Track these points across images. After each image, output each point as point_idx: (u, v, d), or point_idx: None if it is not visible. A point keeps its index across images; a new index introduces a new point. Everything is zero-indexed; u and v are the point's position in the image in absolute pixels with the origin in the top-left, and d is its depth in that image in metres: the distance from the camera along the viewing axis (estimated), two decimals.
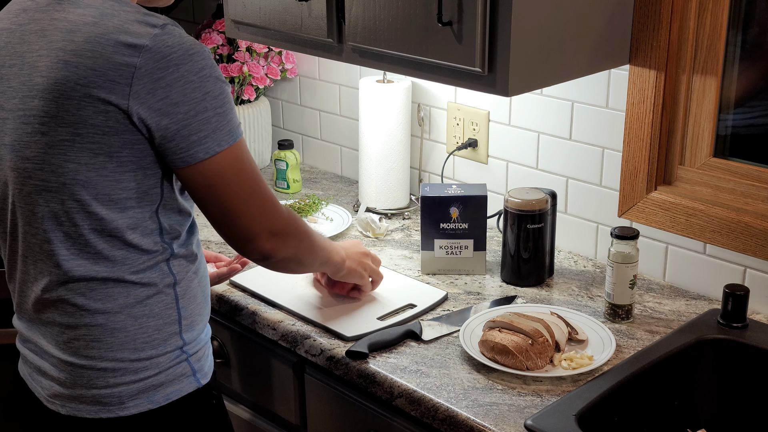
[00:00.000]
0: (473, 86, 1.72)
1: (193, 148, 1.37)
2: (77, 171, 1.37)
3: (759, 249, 1.80)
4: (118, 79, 1.33)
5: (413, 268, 2.07)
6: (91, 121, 1.34)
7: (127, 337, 1.45)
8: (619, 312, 1.81)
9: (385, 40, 1.80)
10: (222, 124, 1.38)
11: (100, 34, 1.34)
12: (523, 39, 1.65)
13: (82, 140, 1.36)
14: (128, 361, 1.46)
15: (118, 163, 1.37)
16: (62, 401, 1.48)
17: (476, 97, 2.22)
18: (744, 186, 1.85)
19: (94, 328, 1.44)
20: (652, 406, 1.67)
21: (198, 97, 1.35)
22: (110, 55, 1.33)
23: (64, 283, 1.43)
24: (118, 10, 1.37)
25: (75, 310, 1.44)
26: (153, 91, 1.33)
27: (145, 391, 1.47)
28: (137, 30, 1.35)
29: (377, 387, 1.66)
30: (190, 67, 1.35)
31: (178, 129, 1.35)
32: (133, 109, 1.33)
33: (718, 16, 1.82)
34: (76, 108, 1.34)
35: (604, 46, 1.84)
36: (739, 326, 1.74)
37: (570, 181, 2.11)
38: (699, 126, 1.89)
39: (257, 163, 2.70)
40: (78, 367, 1.46)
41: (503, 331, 1.67)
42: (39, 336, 1.51)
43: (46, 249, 1.43)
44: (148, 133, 1.36)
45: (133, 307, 1.45)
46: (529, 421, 1.48)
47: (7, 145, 1.42)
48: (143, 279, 1.45)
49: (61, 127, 1.36)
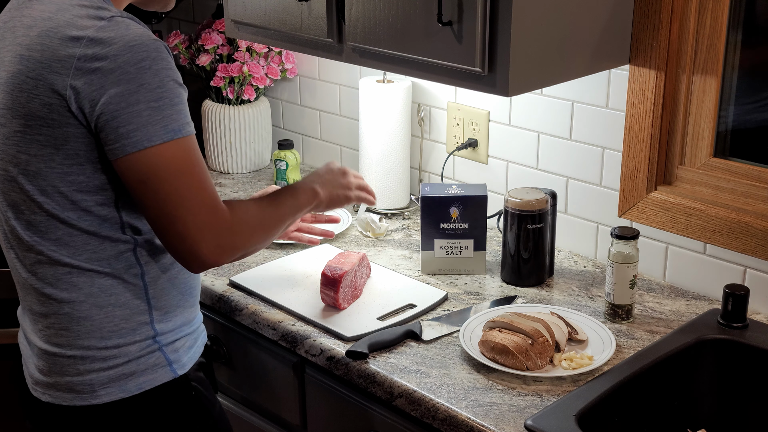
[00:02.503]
0: (473, 86, 1.72)
1: (121, 140, 1.35)
2: (28, 162, 1.41)
3: (759, 249, 1.80)
4: (60, 71, 1.35)
5: (413, 268, 2.07)
6: (38, 113, 1.38)
7: (93, 326, 1.48)
8: (619, 312, 1.81)
9: (385, 40, 1.80)
10: (155, 118, 1.34)
11: (51, 28, 1.38)
12: (523, 39, 1.65)
13: (31, 132, 1.39)
14: (95, 349, 1.48)
15: (65, 155, 1.39)
16: (43, 388, 1.52)
17: (476, 97, 2.22)
18: (744, 186, 1.85)
19: (62, 317, 1.48)
20: (652, 406, 1.67)
21: (131, 89, 1.34)
22: (56, 47, 1.36)
23: (32, 272, 1.48)
24: (74, 5, 1.40)
25: (45, 299, 1.48)
26: (90, 81, 1.34)
27: (116, 379, 1.49)
28: (84, 23, 1.37)
29: (377, 387, 1.66)
30: (129, 58, 1.34)
31: (107, 119, 1.35)
32: (71, 99, 1.35)
33: (718, 16, 1.82)
34: (26, 100, 1.38)
35: (604, 46, 1.84)
36: (739, 326, 1.74)
37: (570, 181, 2.11)
38: (699, 126, 1.89)
39: (257, 163, 2.71)
40: (51, 354, 1.50)
41: (503, 331, 1.67)
42: (24, 322, 1.57)
43: (16, 235, 1.47)
44: (87, 124, 1.37)
45: (98, 297, 1.47)
46: (529, 421, 1.48)
47: None
48: (106, 268, 1.47)
49: (15, 119, 1.40)
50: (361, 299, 1.91)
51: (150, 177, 1.36)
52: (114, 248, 1.46)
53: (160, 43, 1.38)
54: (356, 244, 2.20)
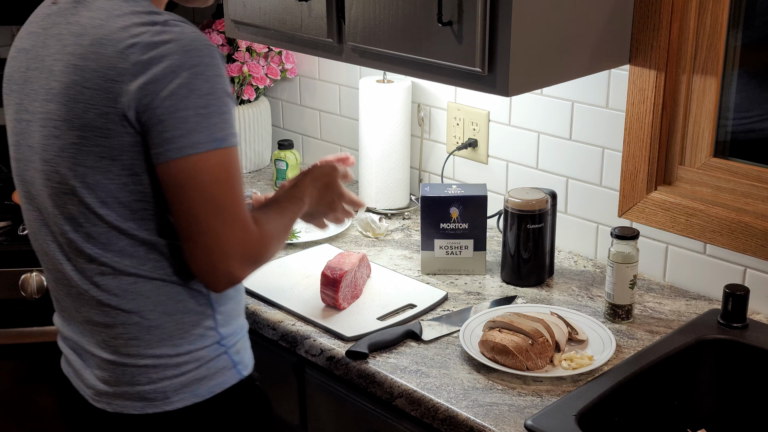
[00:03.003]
0: (473, 86, 1.72)
1: (165, 145, 1.32)
2: (86, 174, 1.37)
3: (759, 249, 1.80)
4: (115, 78, 1.32)
5: (413, 268, 2.07)
6: (95, 123, 1.34)
7: (164, 334, 1.45)
8: (619, 312, 1.81)
9: (385, 40, 1.80)
10: (202, 125, 1.32)
11: (104, 35, 1.35)
12: (523, 39, 1.65)
13: (88, 143, 1.36)
14: (168, 356, 1.46)
15: (122, 166, 1.36)
16: (108, 399, 1.48)
17: (476, 97, 2.22)
18: (744, 186, 1.85)
19: (131, 327, 1.44)
20: (652, 406, 1.67)
21: (182, 94, 1.31)
22: (111, 56, 1.33)
23: (95, 284, 1.44)
24: (126, 12, 1.37)
25: (111, 310, 1.44)
26: (144, 86, 1.31)
27: (188, 384, 1.47)
28: (138, 30, 1.34)
29: (377, 387, 1.66)
30: (183, 62, 1.31)
31: (154, 123, 1.32)
32: (127, 107, 1.32)
33: (718, 16, 1.82)
34: (82, 111, 1.35)
35: (604, 46, 1.84)
36: (739, 326, 1.74)
37: (570, 181, 2.11)
38: (699, 126, 1.89)
39: (257, 163, 2.71)
40: (120, 365, 1.46)
41: (503, 331, 1.67)
42: (79, 334, 1.51)
43: (75, 248, 1.43)
44: (141, 131, 1.34)
45: (166, 304, 1.45)
46: (529, 421, 1.48)
47: (32, 147, 1.44)
48: (171, 276, 1.45)
49: (70, 130, 1.36)
50: (361, 299, 1.91)
51: (189, 183, 1.33)
52: (176, 256, 1.44)
53: (214, 49, 1.35)
54: (356, 244, 2.20)
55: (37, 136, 1.42)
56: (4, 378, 2.23)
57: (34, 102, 1.43)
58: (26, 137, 1.45)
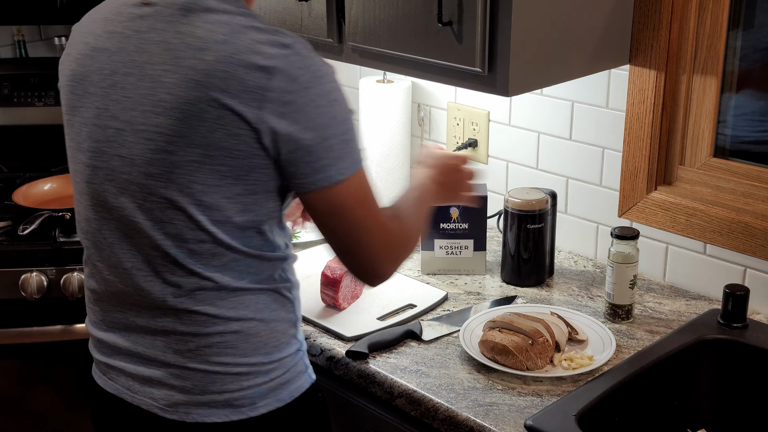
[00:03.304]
0: (473, 86, 1.72)
1: (315, 175, 1.34)
2: (203, 192, 1.33)
3: (759, 249, 1.80)
4: (249, 102, 1.28)
5: (413, 268, 2.07)
6: (222, 143, 1.30)
7: (260, 342, 1.44)
8: (619, 312, 1.81)
9: (385, 40, 1.80)
10: (345, 151, 1.35)
11: (231, 53, 1.29)
12: (523, 39, 1.65)
13: (212, 162, 1.31)
14: (261, 364, 1.44)
15: (244, 185, 1.34)
16: (187, 408, 1.44)
17: (476, 97, 2.22)
18: (744, 186, 1.85)
19: (228, 336, 1.42)
20: (652, 406, 1.67)
21: (324, 123, 1.32)
22: (242, 76, 1.28)
23: (192, 296, 1.40)
24: (248, 27, 1.32)
25: (206, 319, 1.41)
26: (283, 114, 1.29)
27: (273, 390, 1.47)
28: (268, 50, 1.30)
29: (377, 387, 1.66)
30: (319, 91, 1.32)
31: (302, 154, 1.32)
32: (263, 133, 1.30)
33: (718, 16, 1.82)
34: (207, 130, 1.30)
35: (604, 46, 1.84)
36: (739, 326, 1.74)
37: (570, 181, 2.11)
38: (699, 126, 1.89)
39: None
40: (210, 373, 1.43)
41: (503, 331, 1.67)
42: (145, 346, 1.45)
43: (172, 261, 1.38)
44: (276, 156, 1.33)
45: (263, 312, 1.44)
46: (529, 421, 1.48)
47: (125, 158, 1.36)
48: (269, 285, 1.45)
49: (190, 147, 1.31)
50: (361, 299, 1.91)
51: (339, 209, 1.37)
52: (271, 267, 1.44)
53: (332, 68, 1.36)
54: None
55: (138, 148, 1.35)
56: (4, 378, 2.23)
57: (130, 111, 1.35)
58: (115, 146, 1.37)
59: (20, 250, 2.15)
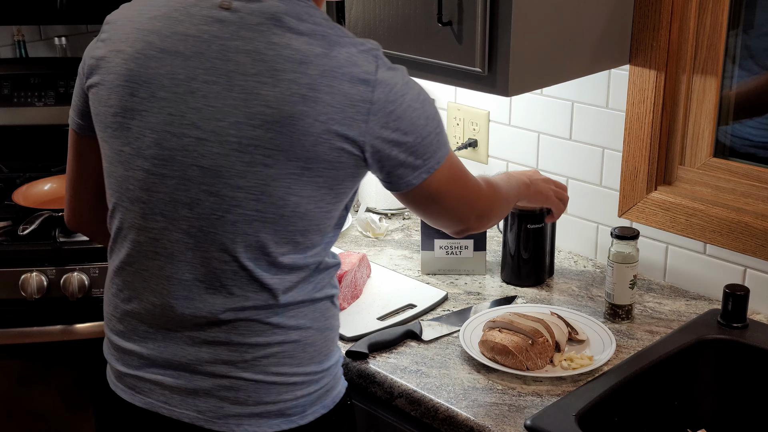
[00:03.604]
0: (473, 86, 1.72)
1: (417, 170, 1.36)
2: (298, 204, 1.31)
3: (759, 249, 1.80)
4: (355, 116, 1.28)
5: (413, 268, 2.07)
6: (325, 157, 1.29)
7: (316, 351, 1.43)
8: (619, 312, 1.81)
9: (385, 40, 1.80)
10: (441, 142, 1.38)
11: (334, 67, 1.28)
12: (523, 39, 1.65)
13: (311, 174, 1.30)
14: (314, 373, 1.43)
15: (335, 194, 1.34)
16: (238, 420, 1.40)
17: (476, 97, 2.22)
18: (744, 186, 1.85)
19: (288, 345, 1.39)
20: (652, 406, 1.67)
21: (422, 124, 1.34)
22: (347, 91, 1.28)
23: (255, 307, 1.37)
24: (341, 38, 1.31)
25: (267, 329, 1.38)
26: (386, 124, 1.30)
27: (321, 397, 1.45)
28: (365, 64, 1.30)
29: (377, 387, 1.66)
30: (413, 95, 1.33)
31: (406, 157, 1.34)
32: (368, 144, 1.30)
33: (718, 16, 1.82)
34: (312, 144, 1.28)
35: (604, 46, 1.84)
36: (739, 326, 1.74)
37: (570, 181, 2.11)
38: (699, 126, 1.89)
39: None
40: (266, 383, 1.39)
41: (503, 331, 1.67)
42: (188, 357, 1.40)
43: (245, 274, 1.35)
44: (377, 164, 1.34)
45: (320, 321, 1.43)
46: (529, 421, 1.48)
47: (207, 169, 1.30)
48: (326, 294, 1.44)
49: (291, 161, 1.28)
50: (361, 299, 1.91)
51: (438, 193, 1.42)
52: (328, 275, 1.44)
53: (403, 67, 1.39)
54: (356, 244, 2.20)
55: (226, 160, 1.29)
56: (4, 378, 2.23)
57: (215, 121, 1.29)
58: (194, 156, 1.31)
59: (20, 250, 2.15)
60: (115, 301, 1.45)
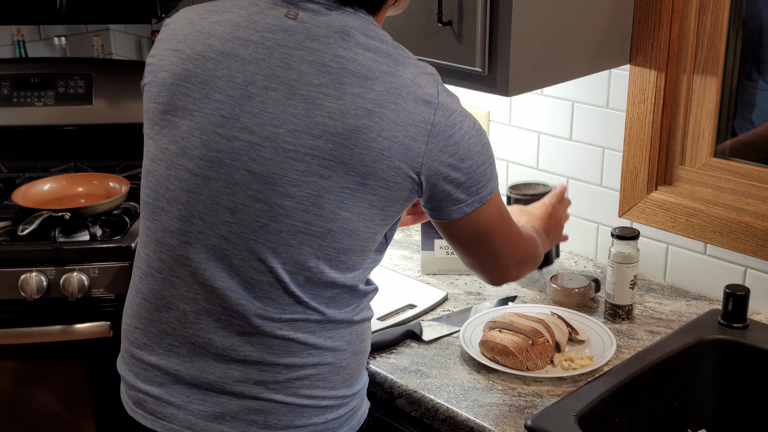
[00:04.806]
0: (473, 86, 1.72)
1: (470, 198, 1.35)
2: (347, 220, 1.29)
3: (759, 249, 1.80)
4: (416, 136, 1.27)
5: (413, 269, 2.07)
6: (383, 174, 1.27)
7: (348, 374, 1.41)
8: (619, 312, 1.81)
9: None
10: (494, 174, 1.38)
11: (400, 86, 1.28)
12: (523, 39, 1.64)
13: (365, 191, 1.28)
14: (345, 397, 1.42)
15: (384, 216, 1.32)
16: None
17: (476, 97, 2.22)
18: (744, 186, 1.85)
19: (323, 368, 1.37)
20: (652, 406, 1.66)
21: (477, 151, 1.33)
22: (411, 110, 1.27)
23: (290, 323, 1.34)
24: (404, 58, 1.31)
25: (302, 348, 1.35)
26: (445, 148, 1.29)
27: (349, 418, 1.44)
28: (428, 86, 1.30)
29: (377, 387, 1.66)
30: (469, 123, 1.33)
31: (459, 184, 1.33)
32: (425, 166, 1.29)
33: (718, 16, 1.82)
34: (372, 159, 1.26)
35: (604, 46, 1.84)
36: (740, 326, 1.74)
37: (570, 181, 2.11)
38: (699, 126, 1.89)
39: None
40: (298, 407, 1.36)
41: (503, 331, 1.67)
42: (216, 374, 1.35)
43: (281, 287, 1.32)
44: (430, 190, 1.33)
45: (355, 344, 1.41)
46: (529, 421, 1.48)
47: (257, 174, 1.28)
48: (363, 316, 1.43)
49: (348, 174, 1.27)
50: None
51: (485, 228, 1.41)
52: (366, 299, 1.43)
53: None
54: None
55: (280, 167, 1.27)
56: (4, 378, 2.23)
57: (271, 127, 1.27)
58: (245, 160, 1.28)
59: (20, 250, 2.15)
60: (139, 311, 1.40)
